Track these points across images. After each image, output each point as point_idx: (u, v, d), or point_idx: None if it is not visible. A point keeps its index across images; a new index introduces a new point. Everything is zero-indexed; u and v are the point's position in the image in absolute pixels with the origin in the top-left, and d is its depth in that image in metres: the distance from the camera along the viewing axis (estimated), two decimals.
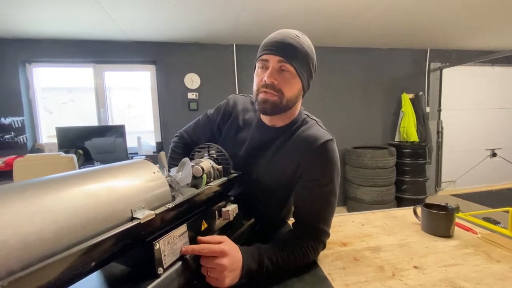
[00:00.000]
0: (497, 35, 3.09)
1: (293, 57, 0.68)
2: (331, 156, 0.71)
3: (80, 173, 0.43)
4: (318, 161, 0.71)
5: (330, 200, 0.72)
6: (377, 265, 0.70)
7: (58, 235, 0.34)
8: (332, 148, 0.72)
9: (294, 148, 0.75)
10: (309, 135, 0.73)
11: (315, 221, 0.71)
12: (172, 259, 0.51)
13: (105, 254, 0.41)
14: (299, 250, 0.66)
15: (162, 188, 0.52)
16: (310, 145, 0.72)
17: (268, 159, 0.78)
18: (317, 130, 0.75)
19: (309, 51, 0.72)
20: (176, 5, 2.08)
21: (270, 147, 0.79)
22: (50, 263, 0.32)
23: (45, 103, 2.95)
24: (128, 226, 0.41)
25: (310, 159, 0.71)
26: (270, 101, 0.70)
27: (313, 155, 0.71)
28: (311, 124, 0.78)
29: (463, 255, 0.74)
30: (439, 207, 0.90)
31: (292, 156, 0.74)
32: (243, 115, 0.87)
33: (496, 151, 4.05)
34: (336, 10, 2.27)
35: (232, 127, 0.88)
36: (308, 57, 0.71)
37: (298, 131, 0.76)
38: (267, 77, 0.69)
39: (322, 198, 0.71)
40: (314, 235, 0.70)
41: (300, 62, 0.70)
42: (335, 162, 0.72)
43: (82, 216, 0.37)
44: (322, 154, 0.71)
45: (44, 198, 0.35)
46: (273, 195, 0.80)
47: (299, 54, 0.69)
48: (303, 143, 0.73)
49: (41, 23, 2.31)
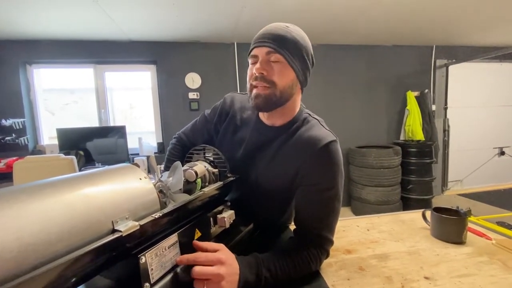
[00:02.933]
0: (504, 31, 3.00)
1: (282, 46, 0.64)
2: (334, 159, 0.66)
3: (54, 181, 0.39)
4: (320, 164, 0.66)
5: (333, 205, 0.67)
6: (385, 275, 0.65)
7: (22, 253, 0.30)
8: (335, 149, 0.67)
9: (295, 149, 0.70)
10: (311, 136, 0.68)
11: (318, 228, 0.66)
12: (160, 273, 0.47)
13: (82, 271, 0.37)
14: (300, 259, 0.61)
15: (149, 195, 0.47)
16: (312, 147, 0.66)
17: (267, 160, 0.74)
18: (319, 130, 0.70)
19: (299, 39, 0.67)
20: (175, 4, 2.04)
21: (269, 148, 0.74)
22: (12, 286, 0.28)
23: (47, 105, 2.94)
24: (107, 240, 0.37)
25: (312, 162, 0.66)
26: (262, 95, 0.66)
27: (315, 157, 0.66)
28: (312, 123, 0.72)
29: (478, 264, 0.68)
30: (450, 211, 0.85)
31: (292, 158, 0.69)
32: (241, 114, 0.83)
33: (504, 149, 3.95)
34: (339, 7, 2.21)
35: (229, 127, 0.83)
36: (299, 45, 0.66)
37: (299, 132, 0.71)
38: (256, 69, 0.65)
39: (325, 204, 0.66)
40: (317, 243, 0.65)
41: (291, 51, 0.65)
42: (338, 165, 0.67)
43: (54, 231, 0.33)
44: (325, 156, 0.66)
45: (6, 212, 0.31)
46: (273, 199, 0.76)
47: (288, 43, 0.65)
48: (304, 144, 0.68)
49: (41, 24, 2.29)
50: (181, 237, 0.52)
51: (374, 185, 2.98)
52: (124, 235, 0.39)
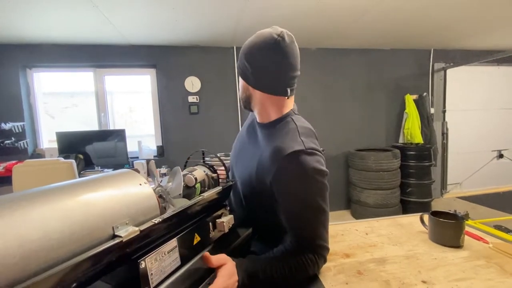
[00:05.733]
0: (502, 35, 3.03)
1: (240, 62, 0.74)
2: (297, 168, 0.62)
3: (55, 187, 0.39)
4: (284, 174, 0.64)
5: (311, 214, 0.64)
6: (383, 279, 0.65)
7: (25, 260, 0.30)
8: (299, 159, 0.62)
9: (266, 156, 0.68)
10: (277, 144, 0.66)
11: (308, 237, 0.65)
12: (160, 277, 0.47)
13: (83, 276, 0.37)
14: (296, 263, 0.62)
15: (149, 201, 0.48)
16: (276, 156, 0.64)
17: (247, 159, 0.77)
18: (288, 138, 0.67)
19: (245, 46, 0.72)
20: (175, 8, 2.06)
21: (255, 147, 0.76)
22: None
23: (47, 108, 2.95)
24: (107, 246, 0.37)
25: (277, 171, 0.64)
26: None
27: (278, 166, 0.64)
28: (287, 129, 0.70)
29: (475, 268, 0.69)
30: (447, 215, 0.85)
31: (266, 164, 0.67)
32: (248, 121, 0.90)
33: (502, 152, 3.96)
34: (338, 11, 2.23)
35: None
36: (243, 52, 0.72)
37: (273, 137, 0.70)
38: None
39: (302, 214, 0.64)
40: (312, 249, 0.65)
41: (239, 63, 0.74)
42: (303, 175, 0.62)
43: (55, 237, 0.34)
44: (287, 166, 0.63)
45: (9, 218, 0.31)
46: (258, 201, 0.75)
47: (241, 56, 0.73)
48: (271, 151, 0.66)
49: (41, 28, 2.30)
50: (180, 242, 0.53)
51: (373, 188, 2.98)
52: (124, 241, 0.40)
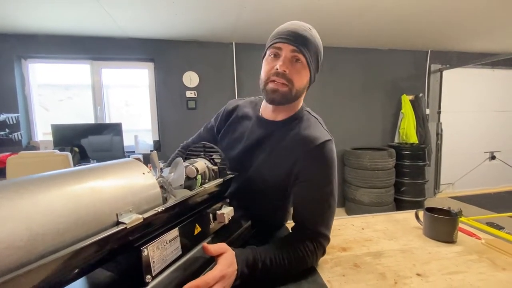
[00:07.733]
0: (497, 38, 3.07)
1: (305, 47, 0.69)
2: (329, 157, 0.70)
3: (61, 173, 0.39)
4: (315, 161, 0.69)
5: (329, 202, 0.69)
6: (379, 272, 0.67)
7: (32, 243, 0.31)
8: (330, 148, 0.70)
9: (291, 145, 0.72)
10: (308, 133, 0.72)
11: (314, 224, 0.68)
12: (162, 265, 0.48)
13: (87, 261, 0.38)
14: (295, 253, 0.63)
15: (152, 190, 0.48)
16: (308, 145, 0.70)
17: (265, 155, 0.76)
18: (316, 129, 0.73)
19: (318, 44, 0.73)
20: (175, 2, 2.05)
21: (268, 141, 0.77)
22: (22, 273, 0.29)
23: (42, 100, 2.91)
24: (112, 232, 0.38)
25: (307, 159, 0.69)
26: (280, 92, 0.70)
27: (310, 154, 0.69)
28: (311, 122, 0.76)
29: (467, 262, 0.71)
30: (441, 211, 0.87)
31: (288, 153, 0.72)
32: (243, 112, 0.87)
33: (495, 153, 4.04)
34: (336, 10, 2.24)
35: (231, 126, 0.87)
36: (317, 50, 0.72)
37: (297, 129, 0.74)
38: (280, 66, 0.68)
39: (320, 200, 0.69)
40: (313, 238, 0.67)
41: (311, 54, 0.70)
42: (332, 163, 0.70)
43: (61, 221, 0.34)
44: (319, 154, 0.69)
45: (17, 202, 0.31)
46: (266, 194, 0.77)
47: (311, 46, 0.70)
48: (300, 141, 0.71)
49: (37, 18, 2.26)
50: (181, 231, 0.53)
51: (368, 187, 3.02)
52: (128, 227, 0.40)
